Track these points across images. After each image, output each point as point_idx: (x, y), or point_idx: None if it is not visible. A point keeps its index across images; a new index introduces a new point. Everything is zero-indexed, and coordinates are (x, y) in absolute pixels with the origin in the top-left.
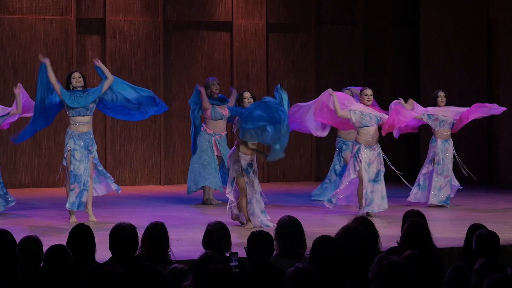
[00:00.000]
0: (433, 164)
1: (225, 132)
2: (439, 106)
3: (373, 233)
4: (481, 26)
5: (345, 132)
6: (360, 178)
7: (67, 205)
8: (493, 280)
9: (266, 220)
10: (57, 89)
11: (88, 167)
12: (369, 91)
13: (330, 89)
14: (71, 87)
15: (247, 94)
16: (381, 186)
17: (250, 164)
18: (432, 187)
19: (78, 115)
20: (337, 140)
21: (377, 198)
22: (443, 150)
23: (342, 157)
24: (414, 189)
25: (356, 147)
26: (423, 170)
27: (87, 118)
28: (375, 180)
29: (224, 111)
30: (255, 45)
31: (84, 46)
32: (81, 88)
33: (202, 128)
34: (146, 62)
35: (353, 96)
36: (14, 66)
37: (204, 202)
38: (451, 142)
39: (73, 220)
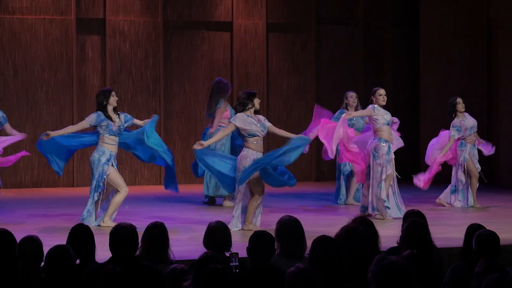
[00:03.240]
0: (465, 169)
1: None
2: (459, 112)
3: (373, 233)
4: (481, 26)
5: None
6: (391, 176)
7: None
8: (492, 280)
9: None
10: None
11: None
12: (382, 91)
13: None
14: (108, 106)
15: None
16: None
17: None
18: (473, 190)
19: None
20: None
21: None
22: (473, 156)
23: None
24: (450, 195)
25: (386, 145)
26: (462, 177)
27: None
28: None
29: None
30: (255, 45)
31: (84, 46)
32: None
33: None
34: (146, 62)
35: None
36: (14, 66)
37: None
38: (476, 147)
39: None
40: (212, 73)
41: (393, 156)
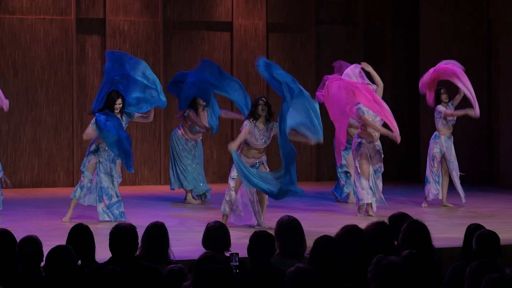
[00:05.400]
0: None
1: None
2: (444, 102)
3: (390, 238)
4: (481, 26)
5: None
6: (363, 171)
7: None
8: (490, 281)
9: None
10: None
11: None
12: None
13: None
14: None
15: (261, 101)
16: (380, 184)
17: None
18: (443, 188)
19: None
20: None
21: (378, 193)
22: (447, 148)
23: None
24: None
25: (358, 140)
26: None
27: None
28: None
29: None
30: (255, 45)
31: (84, 46)
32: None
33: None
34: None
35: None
36: (14, 66)
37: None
38: (452, 140)
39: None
40: None
41: (369, 152)
